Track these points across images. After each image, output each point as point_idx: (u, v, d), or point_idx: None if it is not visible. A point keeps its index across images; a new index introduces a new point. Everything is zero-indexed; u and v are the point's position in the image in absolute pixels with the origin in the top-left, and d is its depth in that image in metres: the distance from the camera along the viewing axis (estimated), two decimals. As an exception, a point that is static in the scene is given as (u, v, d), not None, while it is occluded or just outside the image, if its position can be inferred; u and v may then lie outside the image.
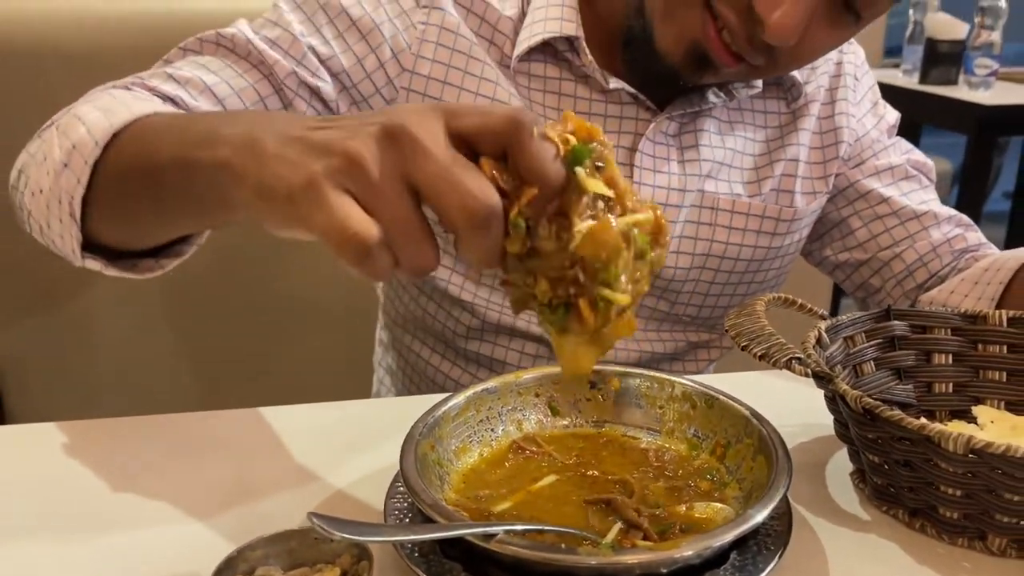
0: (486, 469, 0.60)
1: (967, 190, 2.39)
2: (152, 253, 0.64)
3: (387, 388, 1.02)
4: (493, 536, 0.47)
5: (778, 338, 0.58)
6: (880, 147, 0.93)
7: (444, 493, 0.55)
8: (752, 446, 0.57)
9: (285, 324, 1.19)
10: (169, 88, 0.72)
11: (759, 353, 0.57)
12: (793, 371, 0.56)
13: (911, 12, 2.72)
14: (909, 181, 0.92)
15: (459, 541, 0.50)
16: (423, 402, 0.60)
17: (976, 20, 2.43)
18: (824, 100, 0.90)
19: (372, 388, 1.07)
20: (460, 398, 0.61)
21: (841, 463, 0.62)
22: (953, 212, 0.92)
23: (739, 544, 0.50)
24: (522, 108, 0.42)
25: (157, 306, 1.14)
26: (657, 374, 0.64)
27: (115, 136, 0.60)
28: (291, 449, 0.64)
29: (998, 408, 0.66)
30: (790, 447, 0.58)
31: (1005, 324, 0.66)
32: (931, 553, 0.53)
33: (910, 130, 3.28)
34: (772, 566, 0.49)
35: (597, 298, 0.44)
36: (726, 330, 0.61)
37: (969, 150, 2.40)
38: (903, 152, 0.94)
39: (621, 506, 0.55)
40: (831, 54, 0.91)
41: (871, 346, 0.66)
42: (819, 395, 0.59)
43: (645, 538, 0.51)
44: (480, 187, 0.41)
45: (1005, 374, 0.66)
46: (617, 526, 0.52)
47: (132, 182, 0.59)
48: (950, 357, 0.67)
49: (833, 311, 2.36)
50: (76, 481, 0.60)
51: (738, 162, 0.87)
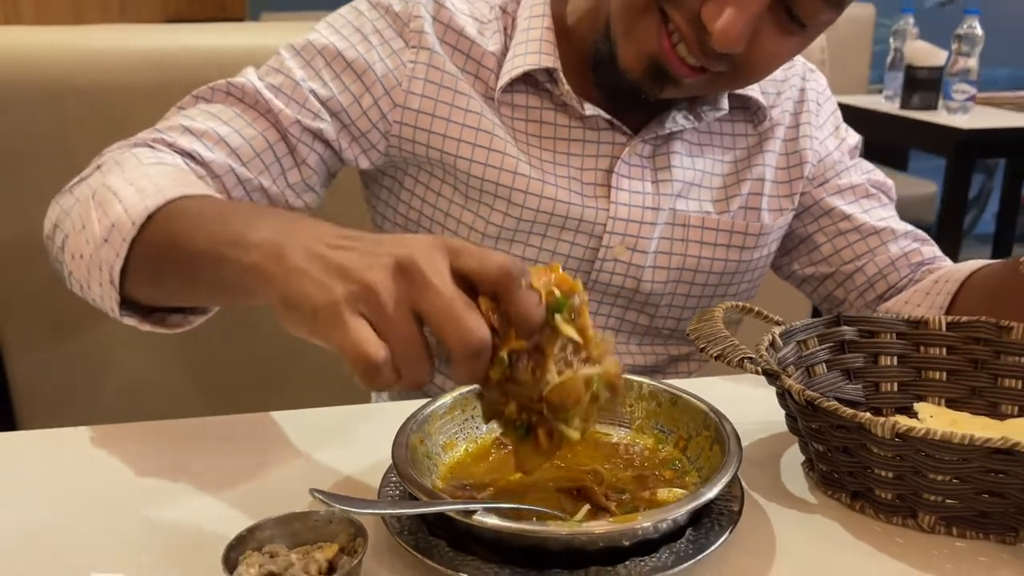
0: (471, 462, 0.66)
1: (947, 210, 2.46)
2: (181, 310, 0.72)
3: (383, 399, 1.08)
4: (473, 512, 0.53)
5: (733, 340, 0.65)
6: (842, 167, 0.99)
7: (432, 481, 0.61)
8: (710, 437, 0.63)
9: (289, 346, 1.26)
10: (186, 142, 0.80)
11: (715, 353, 0.64)
12: (745, 369, 0.62)
13: (891, 40, 2.80)
14: (869, 199, 0.99)
15: (444, 521, 0.56)
16: (414, 406, 0.66)
17: (953, 47, 2.51)
18: (789, 124, 0.97)
19: (372, 399, 1.13)
20: (447, 398, 0.67)
21: (793, 455, 0.68)
22: (910, 228, 0.99)
23: (695, 522, 0.57)
24: (513, 260, 0.50)
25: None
26: (626, 376, 0.70)
27: (149, 217, 0.67)
28: (296, 447, 0.70)
29: (939, 405, 0.72)
30: (749, 443, 0.65)
31: (944, 328, 0.72)
32: (869, 531, 0.59)
33: (898, 154, 3.37)
34: (723, 539, 0.55)
35: (554, 430, 0.53)
36: (687, 334, 0.68)
37: (948, 172, 2.47)
38: (864, 172, 1.00)
39: (591, 492, 0.61)
40: (794, 81, 0.98)
41: (823, 349, 0.72)
42: (776, 397, 0.66)
43: (612, 518, 0.58)
44: (476, 324, 0.49)
45: (945, 374, 0.72)
46: (586, 507, 0.58)
47: (166, 260, 0.67)
48: (895, 359, 0.73)
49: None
50: (103, 476, 0.66)
51: (707, 181, 0.94)
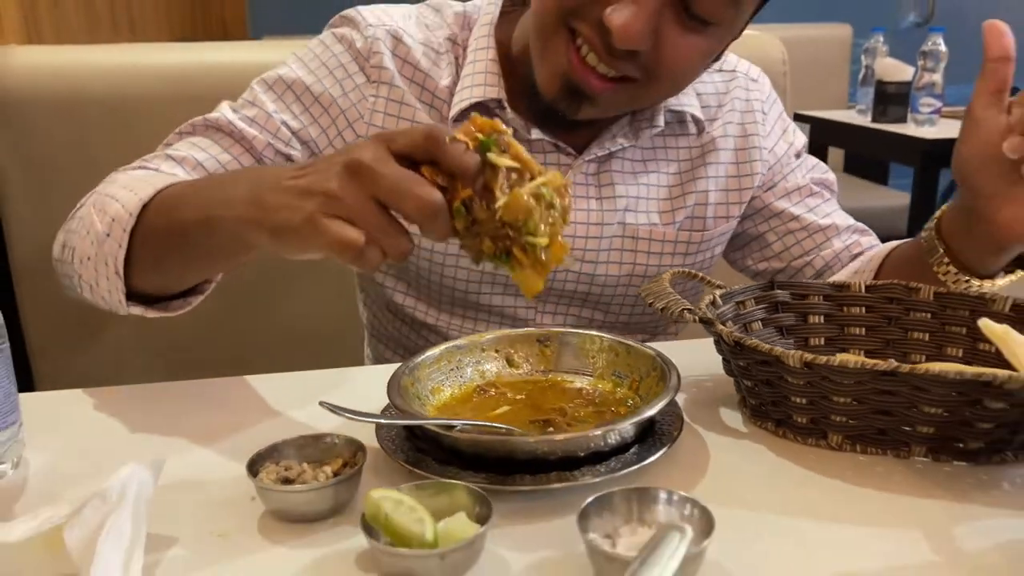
0: (456, 404, 0.77)
1: (915, 216, 2.58)
2: (180, 295, 0.81)
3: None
4: (454, 427, 0.64)
5: (677, 296, 0.76)
6: (788, 170, 1.07)
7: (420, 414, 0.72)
8: (656, 377, 0.74)
9: (285, 344, 1.37)
10: (167, 167, 0.90)
11: (660, 306, 0.75)
12: (684, 319, 0.73)
13: (863, 57, 2.95)
14: (813, 197, 1.07)
15: (430, 443, 0.67)
16: (406, 355, 0.77)
17: (920, 63, 2.65)
18: (737, 134, 1.04)
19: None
20: (435, 351, 0.78)
21: (730, 398, 0.79)
22: (852, 222, 1.08)
23: (640, 441, 0.68)
24: (433, 125, 0.62)
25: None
26: (589, 332, 0.81)
27: (144, 207, 0.77)
28: (303, 398, 0.81)
29: (859, 356, 0.83)
30: (693, 388, 0.76)
31: (863, 291, 0.84)
32: (790, 451, 0.70)
33: (878, 168, 3.50)
34: (663, 451, 0.66)
35: (526, 244, 0.62)
36: (639, 294, 0.79)
37: (916, 180, 2.60)
38: (807, 171, 1.08)
39: (557, 423, 0.72)
40: (738, 93, 1.05)
41: (759, 309, 0.84)
42: (714, 346, 0.77)
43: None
44: (426, 191, 0.60)
45: (864, 329, 0.84)
46: (551, 431, 0.70)
47: (164, 240, 0.76)
48: (822, 317, 0.84)
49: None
50: (138, 425, 0.77)
51: (653, 194, 1.01)
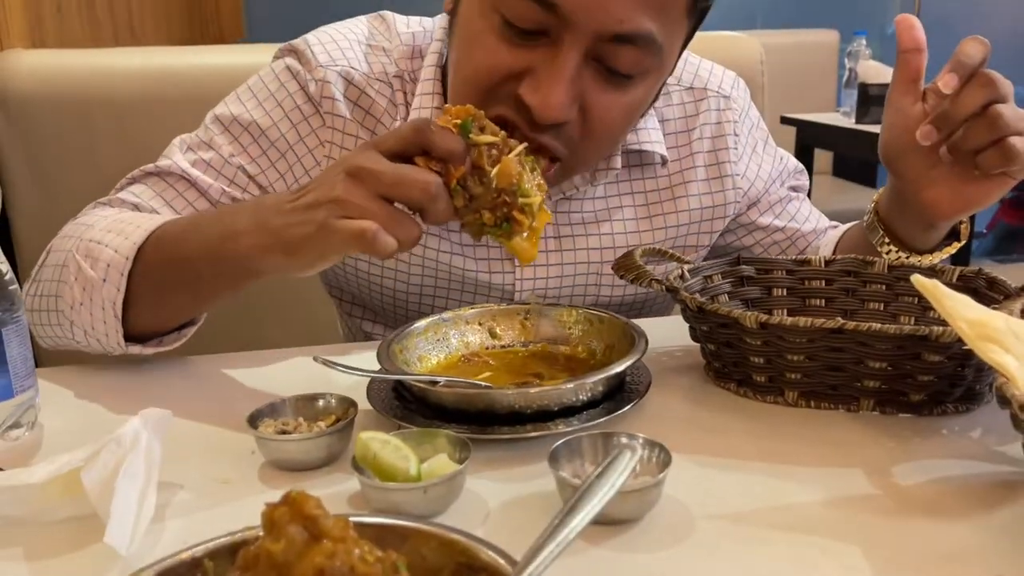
0: (441, 371, 0.82)
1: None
2: (173, 329, 0.84)
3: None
4: (438, 383, 0.70)
5: (646, 269, 0.82)
6: (770, 183, 1.07)
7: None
8: (628, 344, 0.79)
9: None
10: (127, 211, 0.90)
11: (631, 278, 0.81)
12: (652, 287, 0.79)
13: (846, 61, 3.02)
14: (793, 203, 1.10)
15: (418, 402, 0.72)
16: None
17: (900, 65, 2.71)
18: (709, 163, 1.02)
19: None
20: (422, 323, 0.84)
21: (698, 363, 0.84)
22: (828, 221, 1.12)
23: (610, 397, 0.73)
24: (415, 119, 0.66)
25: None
26: (566, 307, 0.87)
27: (139, 249, 0.79)
28: (302, 365, 0.87)
29: (818, 324, 0.89)
30: (666, 357, 0.82)
31: (823, 265, 0.89)
32: (750, 408, 0.76)
33: (867, 170, 3.57)
34: (631, 406, 0.71)
35: (522, 205, 0.70)
36: (613, 268, 0.84)
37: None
38: (783, 181, 1.09)
39: (534, 386, 0.78)
40: (708, 117, 1.01)
41: (726, 283, 0.89)
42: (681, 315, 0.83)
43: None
44: (423, 176, 0.66)
45: (824, 301, 0.90)
46: (528, 390, 0.75)
47: (167, 278, 0.79)
48: (785, 290, 0.90)
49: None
50: (148, 395, 0.83)
51: (619, 227, 0.99)
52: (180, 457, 0.68)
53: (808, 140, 3.10)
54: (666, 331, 0.88)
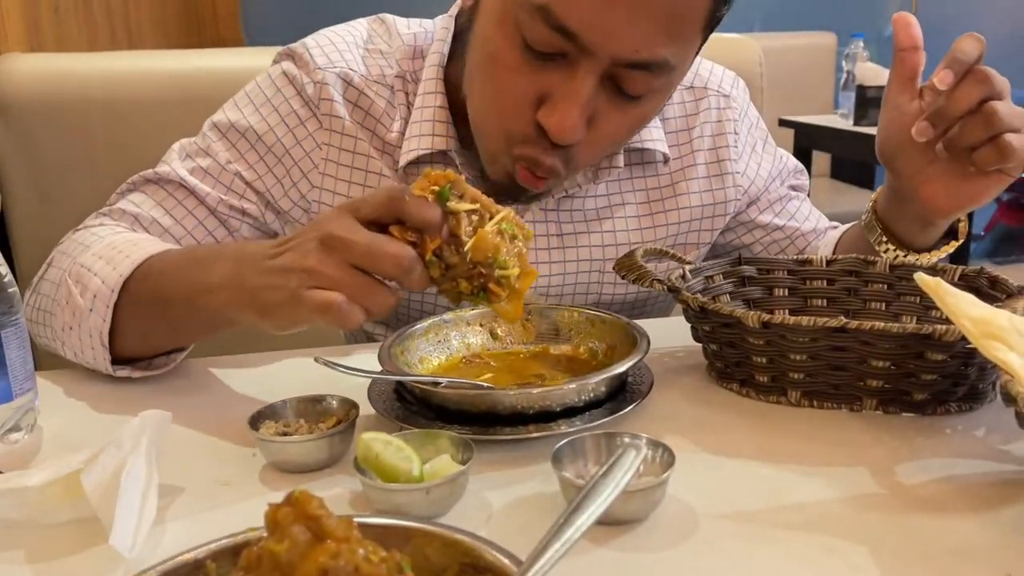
0: (443, 373, 0.82)
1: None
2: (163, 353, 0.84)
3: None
4: (439, 383, 0.69)
5: (648, 269, 0.81)
6: (770, 181, 1.07)
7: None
8: (629, 344, 0.79)
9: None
10: (126, 225, 0.92)
11: (632, 278, 0.80)
12: (654, 288, 0.79)
13: (844, 63, 3.02)
14: (793, 202, 1.09)
15: (419, 403, 0.72)
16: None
17: (898, 67, 2.71)
18: (709, 160, 1.02)
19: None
20: (423, 324, 0.83)
21: (700, 364, 0.84)
22: (828, 221, 1.12)
23: (612, 398, 0.73)
24: (392, 186, 0.63)
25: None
26: (568, 307, 0.86)
27: (126, 281, 0.80)
28: (304, 368, 0.86)
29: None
30: (668, 358, 0.81)
31: (825, 265, 0.89)
32: (753, 408, 0.75)
33: (865, 171, 3.58)
34: (633, 406, 0.71)
35: (498, 278, 0.67)
36: (614, 268, 0.84)
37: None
38: (785, 179, 1.09)
39: (537, 386, 0.77)
40: (708, 115, 1.02)
41: (727, 283, 0.89)
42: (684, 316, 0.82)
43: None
44: (397, 249, 0.64)
45: (825, 301, 0.89)
46: (529, 390, 0.75)
47: (148, 315, 0.80)
48: (786, 290, 0.90)
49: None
50: (147, 398, 0.82)
51: (621, 226, 1.00)
52: (181, 459, 0.67)
53: (806, 142, 3.10)
54: (668, 331, 0.88)
